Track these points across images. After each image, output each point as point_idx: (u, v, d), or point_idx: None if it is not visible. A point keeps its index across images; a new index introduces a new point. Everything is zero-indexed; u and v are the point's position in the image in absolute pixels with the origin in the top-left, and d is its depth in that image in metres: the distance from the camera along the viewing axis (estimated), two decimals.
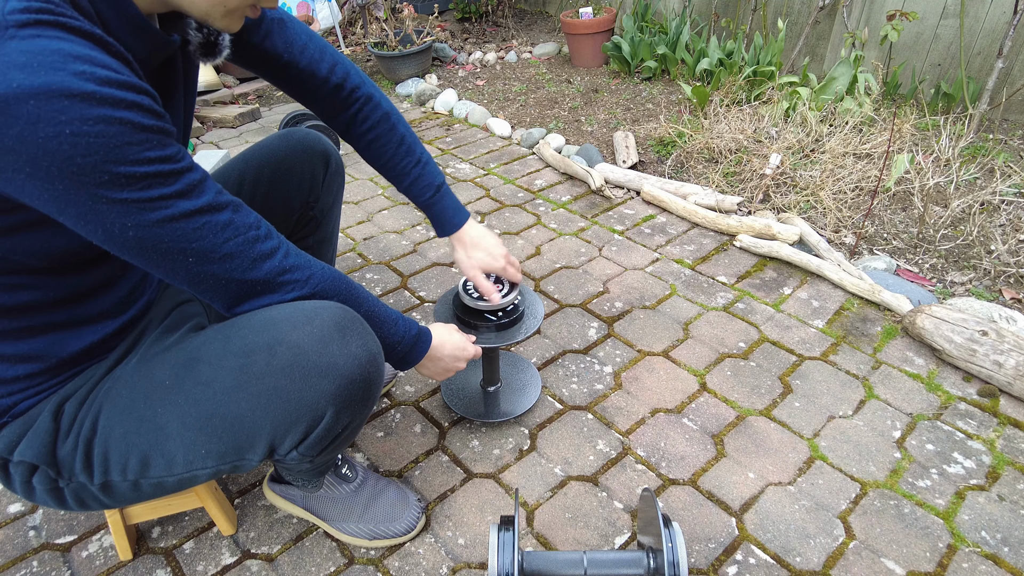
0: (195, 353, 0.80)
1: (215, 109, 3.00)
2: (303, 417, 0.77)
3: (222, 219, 0.70)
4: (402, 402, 1.40)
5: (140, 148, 0.61)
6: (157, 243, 0.66)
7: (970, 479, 1.19)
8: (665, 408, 1.36)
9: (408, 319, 0.96)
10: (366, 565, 1.08)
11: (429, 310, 1.67)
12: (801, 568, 1.05)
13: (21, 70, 0.54)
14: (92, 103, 0.57)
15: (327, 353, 0.76)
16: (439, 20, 3.95)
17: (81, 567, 1.10)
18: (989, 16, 2.35)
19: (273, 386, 0.75)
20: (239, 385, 0.75)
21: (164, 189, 0.64)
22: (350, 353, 0.78)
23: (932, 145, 2.22)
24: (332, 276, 0.83)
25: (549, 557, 0.91)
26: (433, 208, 1.15)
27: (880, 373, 1.43)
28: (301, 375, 0.75)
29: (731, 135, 2.30)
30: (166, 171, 0.64)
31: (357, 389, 0.80)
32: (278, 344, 0.75)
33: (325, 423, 0.79)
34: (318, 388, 0.76)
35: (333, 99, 1.05)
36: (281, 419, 0.77)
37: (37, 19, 0.57)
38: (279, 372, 0.75)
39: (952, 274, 1.72)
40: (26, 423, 0.80)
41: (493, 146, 2.60)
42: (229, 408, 0.76)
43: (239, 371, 0.75)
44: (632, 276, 1.78)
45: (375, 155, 1.11)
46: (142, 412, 0.78)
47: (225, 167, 1.12)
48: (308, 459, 0.86)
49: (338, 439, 0.86)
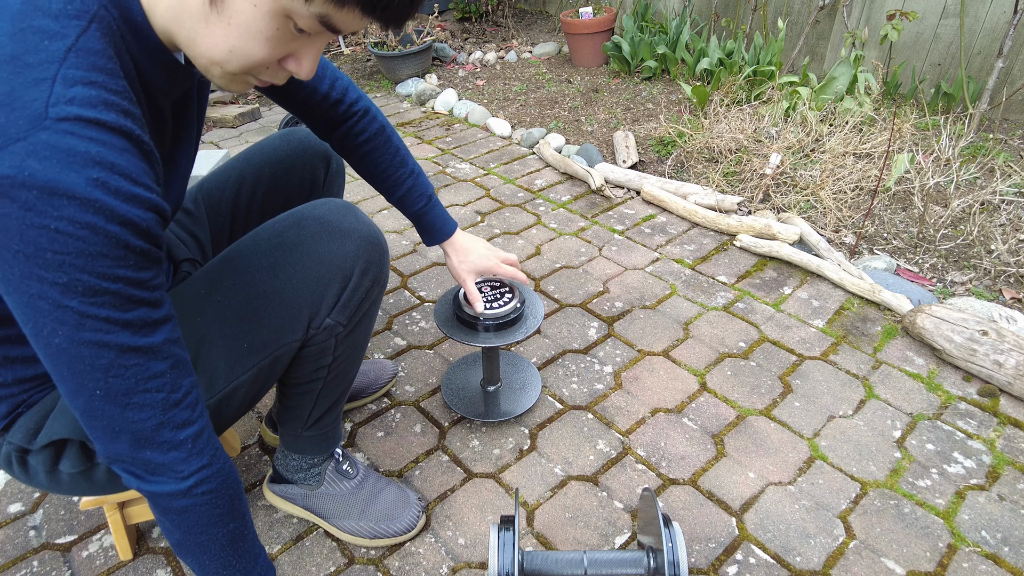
0: (225, 257, 0.87)
1: (215, 109, 2.99)
2: (335, 276, 0.86)
3: (155, 369, 0.63)
4: (402, 402, 1.40)
5: (113, 263, 0.57)
6: (74, 361, 0.60)
7: (970, 479, 1.19)
8: (665, 408, 1.36)
9: (267, 564, 0.84)
10: (366, 565, 1.08)
11: (429, 310, 1.67)
12: (801, 568, 1.05)
13: (40, 161, 0.53)
14: (90, 209, 0.55)
15: (346, 220, 0.88)
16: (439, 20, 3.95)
17: (81, 567, 1.10)
18: (989, 16, 2.35)
19: (306, 253, 0.85)
20: (275, 261, 0.84)
21: (115, 313, 0.59)
22: (362, 221, 0.90)
23: (932, 145, 2.22)
24: (228, 479, 0.73)
25: (549, 557, 0.91)
26: (425, 217, 1.17)
27: (880, 373, 1.43)
28: (328, 238, 0.86)
29: (731, 135, 2.30)
30: (127, 295, 0.59)
31: (374, 248, 0.90)
32: (304, 219, 0.87)
33: (353, 281, 0.88)
34: (344, 248, 0.87)
35: (332, 115, 1.06)
36: (317, 282, 0.85)
37: (79, 116, 0.55)
38: (309, 240, 0.85)
39: (952, 274, 1.72)
40: (43, 409, 0.80)
41: (493, 146, 2.60)
42: (269, 285, 0.84)
43: (273, 249, 0.85)
44: (632, 276, 1.78)
45: (370, 166, 1.12)
46: (182, 331, 0.78)
47: (225, 166, 1.12)
48: (338, 330, 0.91)
49: (361, 308, 0.92)
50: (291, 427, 1.04)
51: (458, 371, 1.43)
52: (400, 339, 1.58)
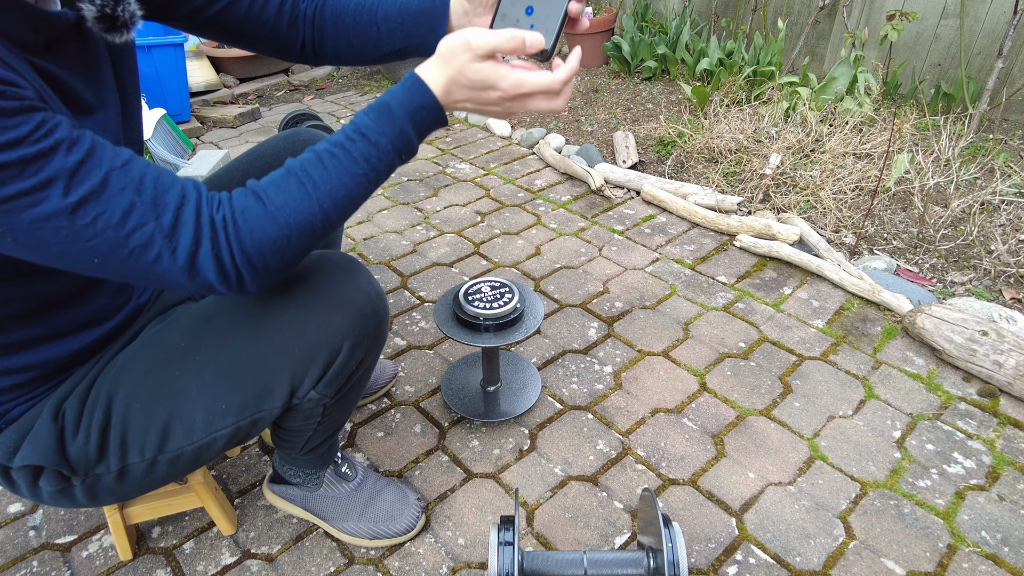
0: (207, 311, 0.81)
1: (215, 109, 2.99)
2: (321, 352, 0.79)
3: (120, 205, 0.58)
4: (402, 402, 1.40)
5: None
6: (41, 246, 0.57)
7: (970, 479, 1.19)
8: (665, 408, 1.36)
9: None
10: (366, 565, 1.08)
11: (429, 310, 1.67)
12: (801, 568, 1.05)
13: None
14: None
15: (340, 289, 0.79)
16: None
17: (81, 567, 1.09)
18: (989, 16, 2.35)
19: (291, 325, 0.78)
20: (258, 329, 0.77)
21: (22, 183, 0.53)
22: (360, 289, 0.81)
23: (932, 145, 2.22)
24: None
25: (549, 557, 0.91)
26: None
27: (880, 373, 1.43)
28: (317, 311, 0.78)
29: (731, 135, 2.30)
30: (15, 160, 0.53)
31: (370, 322, 0.82)
32: (292, 286, 0.78)
33: (342, 357, 0.81)
34: (334, 323, 0.79)
35: (281, 11, 0.88)
36: (301, 357, 0.78)
37: None
38: (296, 311, 0.78)
39: (952, 274, 1.72)
40: (22, 428, 0.79)
41: (493, 146, 2.60)
42: (249, 353, 0.77)
43: (257, 316, 0.78)
44: (632, 276, 1.78)
45: (347, 16, 0.88)
46: (159, 380, 0.78)
47: (229, 166, 1.11)
48: (325, 400, 0.85)
49: (352, 377, 0.87)
50: (285, 452, 1.03)
51: (458, 371, 1.43)
52: (400, 339, 1.58)
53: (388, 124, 0.69)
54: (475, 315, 1.16)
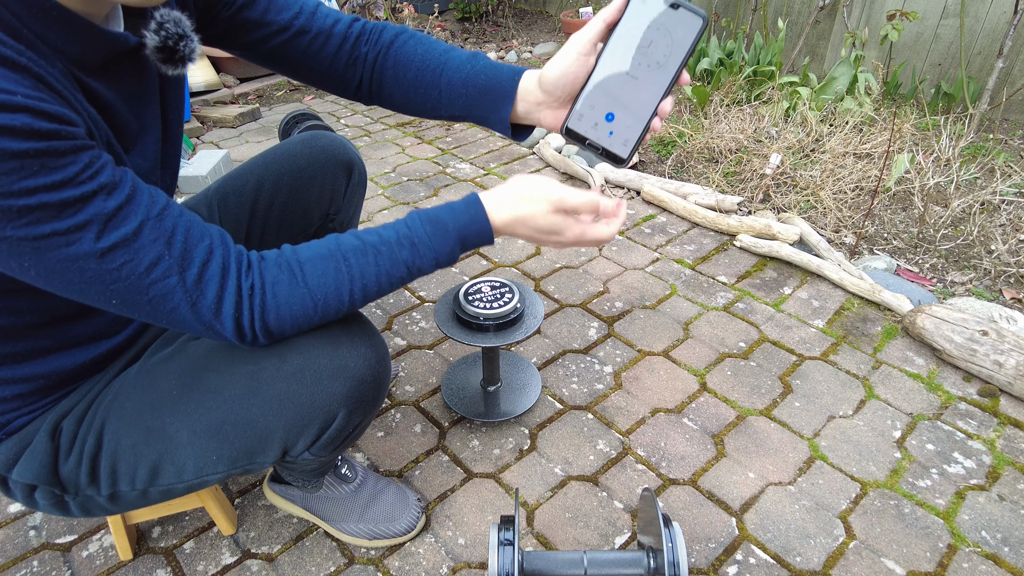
0: (201, 362, 0.78)
1: (215, 109, 2.99)
2: (315, 420, 0.77)
3: (148, 256, 0.59)
4: (402, 402, 1.40)
5: (16, 178, 0.51)
6: (66, 284, 0.57)
7: (970, 479, 1.19)
8: (665, 408, 1.36)
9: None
10: (366, 565, 1.08)
11: (429, 310, 1.67)
12: (801, 568, 1.05)
13: None
14: None
15: (337, 355, 0.75)
16: (439, 20, 3.95)
17: (81, 567, 1.10)
18: (989, 16, 2.35)
19: (285, 391, 0.74)
20: (250, 392, 0.74)
21: (59, 223, 0.54)
22: (359, 354, 0.77)
23: (932, 145, 2.22)
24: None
25: (549, 557, 0.91)
26: (518, 76, 0.83)
27: (880, 373, 1.43)
28: (313, 379, 0.74)
29: (731, 135, 2.30)
30: (57, 202, 0.53)
31: (368, 389, 0.79)
32: (287, 349, 0.73)
33: (337, 424, 0.79)
34: (330, 390, 0.75)
35: (331, 49, 0.87)
36: (294, 423, 0.76)
37: None
38: (290, 377, 0.73)
39: (952, 274, 1.72)
40: (22, 441, 0.78)
41: (493, 146, 2.60)
42: (240, 414, 0.75)
43: (249, 378, 0.74)
44: (632, 276, 1.78)
45: (409, 71, 0.86)
46: (149, 423, 0.77)
47: (243, 168, 1.08)
48: (319, 459, 0.86)
49: (349, 438, 0.86)
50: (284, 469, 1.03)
51: (458, 371, 1.43)
52: (400, 339, 1.58)
53: (440, 242, 0.73)
54: (475, 315, 1.16)
